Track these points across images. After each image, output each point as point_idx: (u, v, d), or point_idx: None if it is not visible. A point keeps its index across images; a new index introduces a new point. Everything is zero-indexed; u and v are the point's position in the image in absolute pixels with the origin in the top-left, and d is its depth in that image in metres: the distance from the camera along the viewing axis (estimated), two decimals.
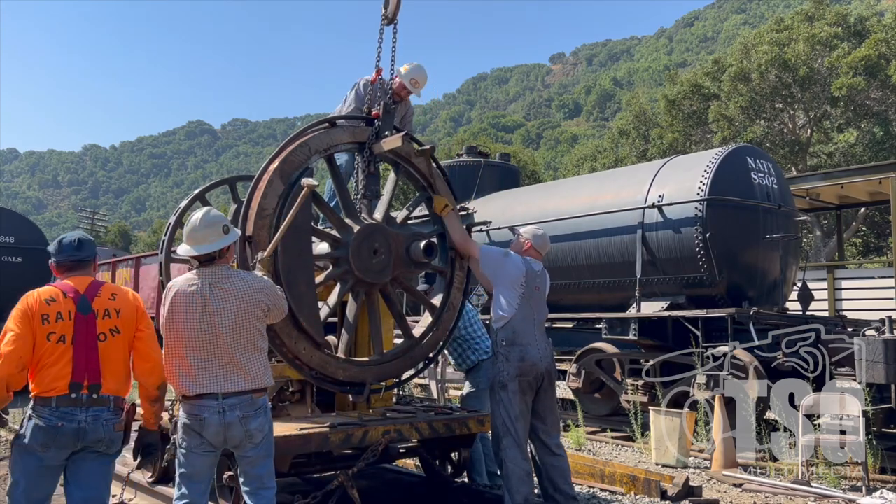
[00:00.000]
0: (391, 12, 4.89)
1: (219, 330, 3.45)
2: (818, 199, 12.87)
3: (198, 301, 3.47)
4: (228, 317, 3.47)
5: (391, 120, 5.06)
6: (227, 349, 3.46)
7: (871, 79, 22.82)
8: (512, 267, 4.72)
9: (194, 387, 3.44)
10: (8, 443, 5.98)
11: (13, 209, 16.95)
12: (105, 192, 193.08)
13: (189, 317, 3.46)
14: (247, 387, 3.49)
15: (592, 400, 9.79)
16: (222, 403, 3.43)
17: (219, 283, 3.51)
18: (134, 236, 67.24)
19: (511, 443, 4.52)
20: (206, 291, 3.48)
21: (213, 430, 3.43)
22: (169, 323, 3.52)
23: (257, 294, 3.56)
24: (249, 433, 3.48)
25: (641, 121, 30.52)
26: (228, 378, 3.46)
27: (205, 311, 3.46)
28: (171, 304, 3.53)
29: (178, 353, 3.48)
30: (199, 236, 3.57)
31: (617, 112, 75.00)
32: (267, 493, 3.62)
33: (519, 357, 4.58)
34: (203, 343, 3.45)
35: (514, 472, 4.48)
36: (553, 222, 9.92)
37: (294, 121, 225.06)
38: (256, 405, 3.53)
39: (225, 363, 3.46)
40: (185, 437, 3.50)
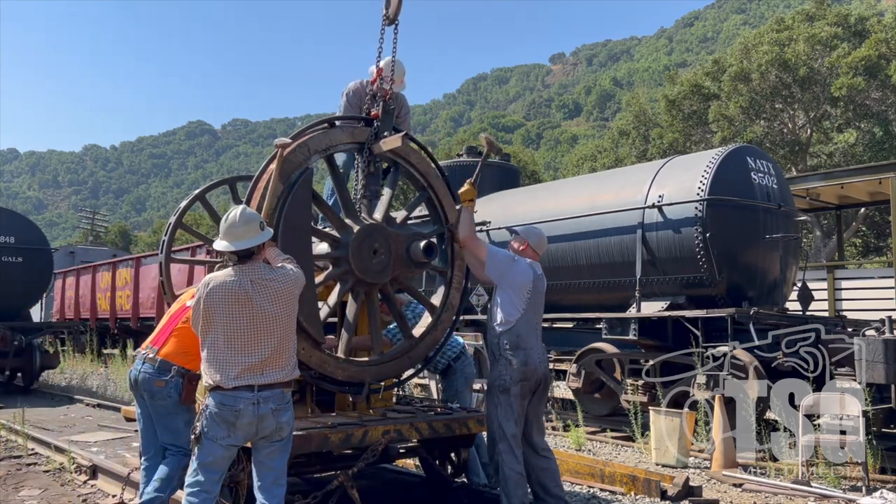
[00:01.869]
0: (392, 13, 4.88)
1: (261, 325, 3.54)
2: (818, 200, 12.86)
3: (241, 296, 3.54)
4: (270, 312, 3.57)
5: (390, 120, 5.05)
6: (267, 343, 3.55)
7: (871, 79, 22.82)
8: (519, 273, 4.69)
9: (233, 380, 3.50)
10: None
11: (13, 209, 16.92)
12: (105, 193, 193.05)
13: (230, 310, 3.53)
14: (280, 378, 3.59)
15: (592, 400, 9.79)
16: (257, 395, 3.51)
17: (259, 279, 3.60)
18: (134, 236, 67.23)
19: (507, 447, 4.53)
20: (248, 287, 3.57)
21: (247, 420, 3.50)
22: (207, 316, 3.57)
23: (295, 288, 3.68)
24: (280, 426, 3.59)
25: (641, 121, 30.52)
26: (265, 371, 3.55)
27: (247, 306, 3.54)
28: (209, 297, 3.57)
29: (217, 346, 3.55)
30: (238, 233, 3.65)
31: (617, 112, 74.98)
32: (280, 491, 3.70)
33: (523, 361, 4.57)
34: (245, 337, 3.53)
35: (510, 476, 4.49)
36: (553, 222, 9.92)
37: (294, 121, 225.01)
38: (286, 399, 3.64)
39: (265, 357, 3.55)
40: (212, 428, 3.54)
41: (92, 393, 13.46)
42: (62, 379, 16.25)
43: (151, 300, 17.74)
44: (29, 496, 5.89)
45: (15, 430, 8.30)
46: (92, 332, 20.10)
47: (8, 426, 8.61)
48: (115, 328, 20.13)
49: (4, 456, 7.50)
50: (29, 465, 7.07)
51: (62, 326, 19.45)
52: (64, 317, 22.77)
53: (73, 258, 25.10)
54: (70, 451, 6.86)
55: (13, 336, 13.36)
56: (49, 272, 15.26)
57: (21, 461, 7.21)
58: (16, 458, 7.37)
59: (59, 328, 19.30)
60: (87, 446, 7.79)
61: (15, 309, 14.31)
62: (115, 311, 19.81)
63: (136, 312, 18.46)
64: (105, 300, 20.26)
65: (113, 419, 10.02)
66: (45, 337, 16.47)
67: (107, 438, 8.55)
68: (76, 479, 6.36)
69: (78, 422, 10.06)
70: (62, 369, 16.80)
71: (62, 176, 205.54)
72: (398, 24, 4.95)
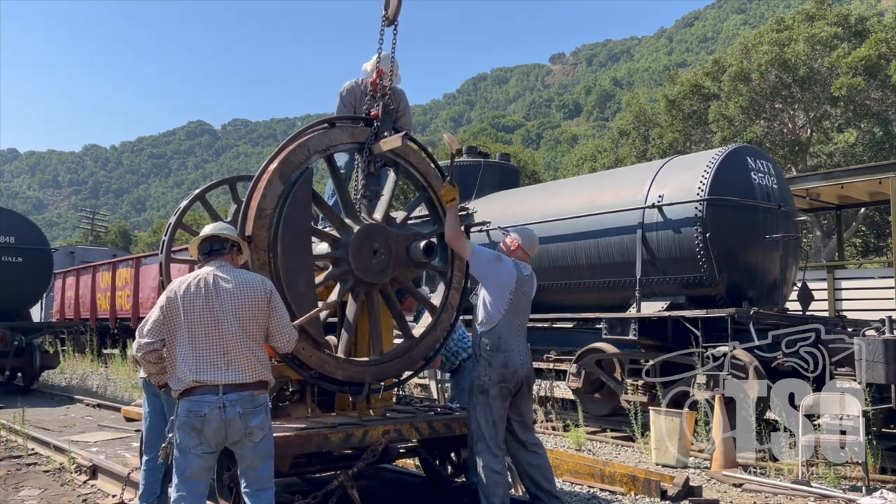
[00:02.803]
0: (392, 13, 4.88)
1: (220, 317, 3.47)
2: (818, 199, 12.86)
3: (201, 289, 3.50)
4: (231, 305, 3.50)
5: (390, 120, 5.05)
6: (228, 338, 3.47)
7: (871, 79, 22.82)
8: (503, 272, 4.66)
9: (193, 374, 3.42)
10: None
11: (13, 209, 16.92)
12: (105, 192, 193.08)
13: (192, 304, 3.48)
14: (247, 378, 3.49)
15: (592, 400, 9.79)
16: (222, 399, 3.41)
17: (223, 274, 3.58)
18: (134, 236, 67.22)
19: (485, 447, 4.53)
20: (210, 280, 3.54)
21: (214, 426, 3.41)
22: (169, 311, 3.50)
23: (259, 290, 3.60)
24: (250, 430, 3.47)
25: (641, 121, 30.53)
26: (230, 367, 3.46)
27: (207, 298, 3.49)
28: (171, 292, 3.54)
29: (179, 340, 3.48)
30: (216, 228, 3.78)
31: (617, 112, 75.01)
32: (266, 495, 3.64)
33: (502, 363, 4.55)
34: (205, 330, 3.46)
35: (489, 476, 4.49)
36: (553, 222, 9.92)
37: (294, 121, 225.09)
38: (257, 402, 3.52)
39: (226, 352, 3.47)
40: (183, 438, 3.47)
41: (92, 393, 13.46)
42: (62, 379, 16.25)
43: (151, 300, 17.72)
44: (29, 496, 5.89)
45: (15, 430, 8.30)
46: (92, 332, 20.11)
47: (8, 426, 8.61)
48: (115, 328, 20.14)
49: (4, 456, 7.50)
50: (29, 465, 7.07)
51: (62, 326, 19.47)
52: (64, 317, 22.77)
53: (73, 258, 25.11)
54: (70, 451, 6.86)
55: (13, 336, 13.36)
56: (49, 272, 15.26)
57: (21, 461, 7.21)
58: (16, 458, 7.38)
59: (59, 328, 19.31)
60: (87, 446, 7.79)
61: (15, 309, 14.31)
62: (115, 311, 19.81)
63: (136, 312, 18.46)
64: (105, 300, 20.27)
65: (113, 419, 10.02)
66: (45, 337, 16.47)
67: (107, 438, 8.55)
68: (76, 479, 6.36)
69: (78, 422, 10.06)
70: (62, 369, 16.80)
71: (62, 176, 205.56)
72: (398, 25, 4.95)
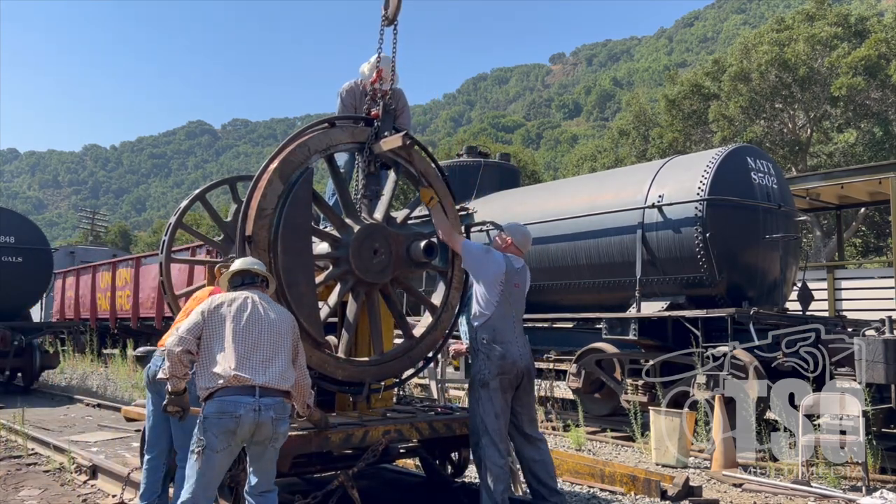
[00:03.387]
0: (391, 13, 4.88)
1: (263, 329, 3.67)
2: (818, 199, 12.85)
3: (248, 303, 3.73)
4: (273, 321, 3.72)
5: (391, 120, 5.06)
6: (269, 347, 3.65)
7: (871, 79, 22.81)
8: (492, 264, 4.70)
9: (234, 370, 3.49)
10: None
11: (13, 209, 16.92)
12: (105, 192, 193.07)
13: (239, 313, 3.67)
14: (282, 385, 3.63)
15: (592, 400, 9.79)
16: (258, 402, 3.51)
17: (262, 298, 3.85)
18: (134, 236, 67.22)
19: (489, 441, 4.54)
20: (256, 298, 3.80)
21: (247, 427, 3.49)
22: (212, 318, 3.64)
23: (292, 322, 3.88)
24: (277, 435, 3.62)
25: (641, 121, 30.52)
26: (267, 372, 3.58)
27: (253, 311, 3.70)
28: (215, 303, 3.70)
29: (218, 344, 3.58)
30: (252, 264, 3.99)
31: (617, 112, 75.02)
32: (272, 496, 3.75)
33: (500, 355, 4.58)
34: (249, 337, 3.63)
35: (491, 471, 4.51)
36: (553, 222, 9.92)
37: (294, 121, 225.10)
38: (287, 410, 3.69)
39: (265, 358, 3.62)
40: (211, 440, 3.48)
41: (92, 393, 13.46)
42: (62, 379, 16.25)
43: (151, 300, 17.74)
44: (29, 496, 5.89)
45: (15, 430, 8.30)
46: (92, 332, 20.11)
47: (8, 426, 8.61)
48: (115, 328, 20.14)
49: (4, 456, 7.50)
50: (29, 465, 7.07)
51: (62, 326, 19.46)
52: (64, 317, 22.77)
53: (73, 258, 25.10)
54: (70, 451, 6.86)
55: (13, 336, 13.36)
56: (49, 272, 15.26)
57: (21, 461, 7.21)
58: (16, 458, 7.37)
59: (59, 328, 19.31)
60: (87, 446, 7.79)
61: (15, 309, 14.31)
62: (115, 311, 19.81)
63: (137, 312, 18.47)
64: (105, 300, 20.26)
65: (113, 419, 10.02)
66: (45, 337, 16.46)
67: (107, 438, 8.55)
68: (76, 479, 6.36)
69: (78, 422, 10.06)
70: (62, 369, 16.80)
71: (62, 176, 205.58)
72: (397, 25, 4.95)
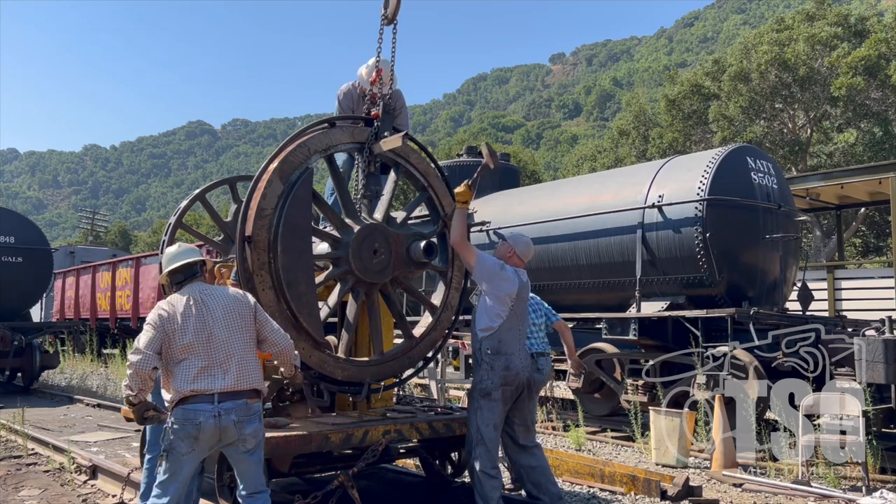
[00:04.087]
0: (391, 12, 4.88)
1: (213, 330, 3.59)
2: (818, 199, 12.85)
3: (191, 307, 3.62)
4: (221, 318, 3.63)
5: (390, 120, 5.06)
6: (222, 348, 3.59)
7: (871, 79, 22.80)
8: (507, 282, 4.69)
9: (192, 384, 3.51)
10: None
11: (13, 209, 16.94)
12: (105, 192, 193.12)
13: (185, 321, 3.58)
14: (242, 385, 3.58)
15: (592, 400, 9.78)
16: (218, 408, 3.50)
17: (206, 291, 3.71)
18: (134, 236, 67.20)
19: (484, 451, 4.55)
20: (197, 297, 3.66)
21: (209, 433, 3.52)
22: (163, 328, 3.58)
23: (244, 304, 3.74)
24: (244, 437, 3.59)
25: (641, 121, 30.49)
26: (226, 376, 3.56)
27: (199, 314, 3.61)
28: (163, 311, 3.62)
29: (175, 355, 3.57)
30: (182, 256, 3.82)
31: (617, 112, 74.98)
32: (263, 496, 3.73)
33: (504, 366, 4.57)
34: (200, 343, 3.56)
35: (485, 480, 4.52)
36: (553, 222, 9.91)
37: (294, 121, 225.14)
38: (251, 410, 3.62)
39: (221, 362, 3.57)
40: (177, 443, 3.54)
41: (92, 393, 13.46)
42: (62, 379, 16.25)
43: (151, 300, 17.73)
44: (29, 496, 5.89)
45: (15, 430, 8.30)
46: (92, 332, 20.10)
47: (8, 426, 8.61)
48: (115, 328, 20.14)
49: (4, 456, 7.50)
50: (29, 465, 7.07)
51: (62, 326, 19.45)
52: (64, 317, 22.77)
53: (73, 258, 25.10)
54: (70, 451, 6.86)
55: (13, 336, 13.35)
56: (49, 272, 15.26)
57: (21, 461, 7.21)
58: (16, 458, 7.37)
59: (59, 328, 19.30)
60: (87, 446, 7.79)
61: (15, 309, 14.31)
62: (115, 311, 19.81)
63: (136, 312, 18.46)
64: (105, 300, 20.26)
65: (113, 419, 10.02)
66: (45, 337, 16.46)
67: (107, 438, 8.55)
68: (76, 479, 6.36)
69: (78, 422, 10.06)
70: (62, 369, 16.80)
71: (62, 176, 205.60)
72: (397, 24, 4.95)
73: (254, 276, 4.30)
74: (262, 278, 4.33)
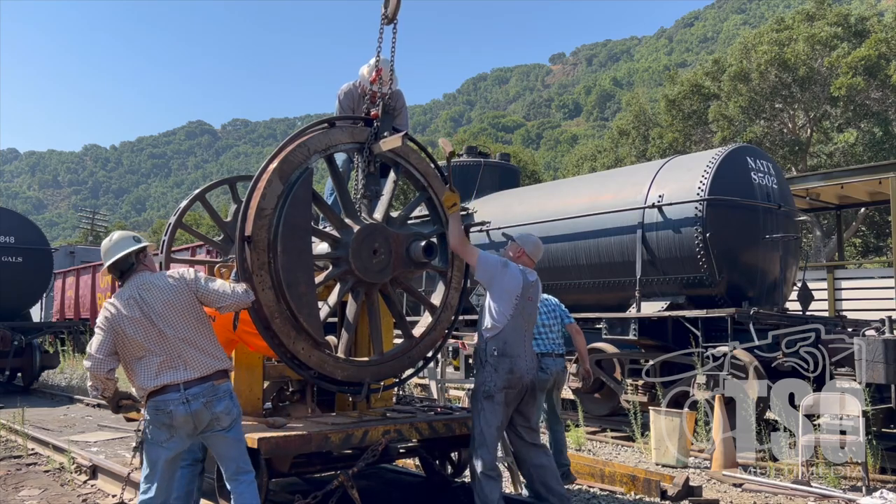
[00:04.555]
0: (391, 12, 4.88)
1: (159, 325, 3.64)
2: (818, 199, 12.85)
3: (132, 306, 3.66)
4: (162, 311, 3.66)
5: (390, 120, 5.05)
6: (173, 342, 3.64)
7: (871, 79, 22.80)
8: (510, 279, 4.64)
9: (155, 380, 3.59)
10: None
11: (13, 209, 16.94)
12: (105, 192, 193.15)
13: (130, 321, 3.64)
14: (205, 371, 3.65)
15: (592, 400, 9.78)
16: (185, 394, 3.59)
17: (144, 285, 3.73)
18: None
19: (486, 452, 4.54)
20: (136, 295, 3.69)
21: (181, 420, 3.60)
22: (113, 331, 3.66)
23: (181, 286, 3.75)
24: (216, 416, 3.65)
25: (641, 121, 30.50)
26: (187, 367, 3.63)
27: (141, 311, 3.65)
28: (108, 313, 3.69)
29: (135, 357, 3.65)
30: (112, 250, 3.82)
31: (617, 112, 74.97)
32: (247, 477, 3.76)
33: (508, 369, 4.54)
34: (151, 340, 3.63)
35: (486, 482, 4.51)
36: (553, 222, 9.92)
37: (294, 121, 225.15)
38: (219, 391, 3.68)
39: (177, 355, 3.64)
40: (154, 433, 3.65)
41: None
42: (62, 379, 16.25)
43: None
44: (29, 496, 5.89)
45: (15, 430, 8.30)
46: (92, 332, 20.07)
47: (8, 426, 8.61)
48: None
49: (4, 456, 7.50)
50: (29, 465, 7.07)
51: (62, 326, 19.43)
52: (64, 317, 22.75)
53: (73, 258, 25.08)
54: (70, 451, 6.86)
55: (13, 336, 13.36)
56: (49, 272, 15.26)
57: (21, 461, 7.21)
58: (16, 458, 7.37)
59: (59, 328, 19.29)
60: (87, 446, 7.79)
61: (15, 309, 14.31)
62: None
63: None
64: (105, 300, 20.22)
65: (113, 419, 10.01)
66: (45, 337, 16.46)
67: (107, 438, 8.55)
68: (76, 479, 6.36)
69: (78, 422, 10.07)
70: (62, 369, 16.79)
71: (62, 176, 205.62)
72: (397, 24, 4.95)
73: (253, 276, 4.30)
74: (261, 278, 4.32)
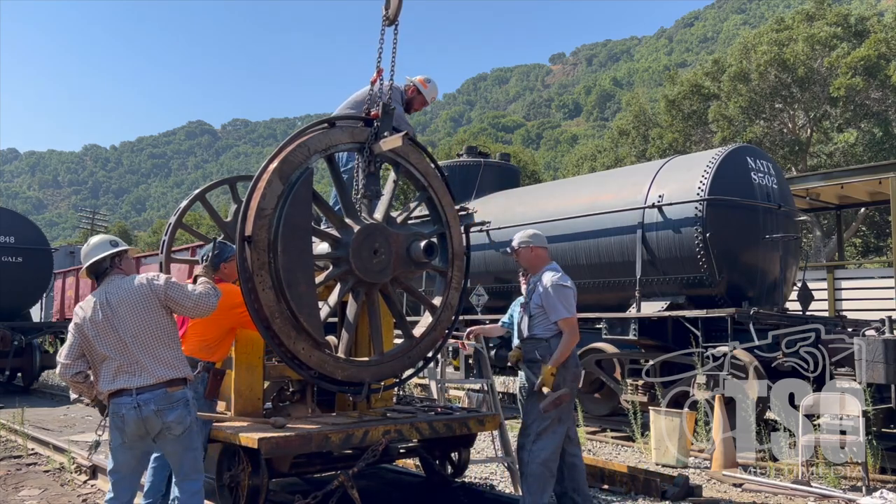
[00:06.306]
0: (392, 13, 4.88)
1: (120, 331, 3.67)
2: (818, 199, 12.85)
3: (98, 311, 3.71)
4: (125, 316, 3.69)
5: (390, 120, 5.05)
6: (132, 348, 3.67)
7: (871, 79, 22.80)
8: (575, 296, 4.82)
9: (110, 384, 3.67)
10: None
11: (13, 209, 16.95)
12: (105, 192, 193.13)
13: (94, 326, 3.69)
14: (158, 379, 3.67)
15: (592, 400, 9.78)
16: (136, 399, 3.64)
17: (113, 290, 3.75)
18: (134, 236, 67.16)
19: (551, 444, 4.58)
20: (103, 299, 3.73)
21: (133, 425, 3.67)
22: (80, 335, 3.73)
23: (145, 292, 3.74)
24: (168, 425, 3.68)
25: (641, 121, 30.50)
26: (141, 374, 3.66)
27: (105, 317, 3.69)
28: (78, 317, 3.75)
29: (100, 360, 3.71)
30: (89, 255, 3.85)
31: (617, 112, 74.94)
32: (190, 486, 3.83)
33: (575, 363, 4.72)
34: (111, 345, 3.67)
35: (542, 474, 4.55)
36: (553, 222, 9.91)
37: (294, 121, 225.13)
38: (172, 399, 3.70)
39: (134, 361, 3.67)
40: (112, 435, 3.78)
41: None
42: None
43: None
44: (29, 496, 5.89)
45: (15, 430, 8.31)
46: None
47: (8, 426, 8.61)
48: None
49: (4, 456, 7.50)
50: (29, 465, 7.07)
51: (62, 326, 19.41)
52: (64, 317, 22.68)
53: (73, 258, 25.03)
54: (70, 451, 6.86)
55: (13, 336, 13.37)
56: (49, 272, 15.26)
57: (21, 461, 7.21)
58: (16, 458, 7.38)
59: (59, 328, 19.28)
60: (87, 446, 7.78)
61: (15, 309, 14.31)
62: None
63: None
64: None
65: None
66: (45, 337, 16.46)
67: (107, 438, 8.54)
68: (76, 479, 6.36)
69: (78, 422, 10.07)
70: None
71: (62, 176, 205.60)
72: (398, 25, 4.95)
73: (254, 276, 4.30)
74: (261, 278, 4.32)
